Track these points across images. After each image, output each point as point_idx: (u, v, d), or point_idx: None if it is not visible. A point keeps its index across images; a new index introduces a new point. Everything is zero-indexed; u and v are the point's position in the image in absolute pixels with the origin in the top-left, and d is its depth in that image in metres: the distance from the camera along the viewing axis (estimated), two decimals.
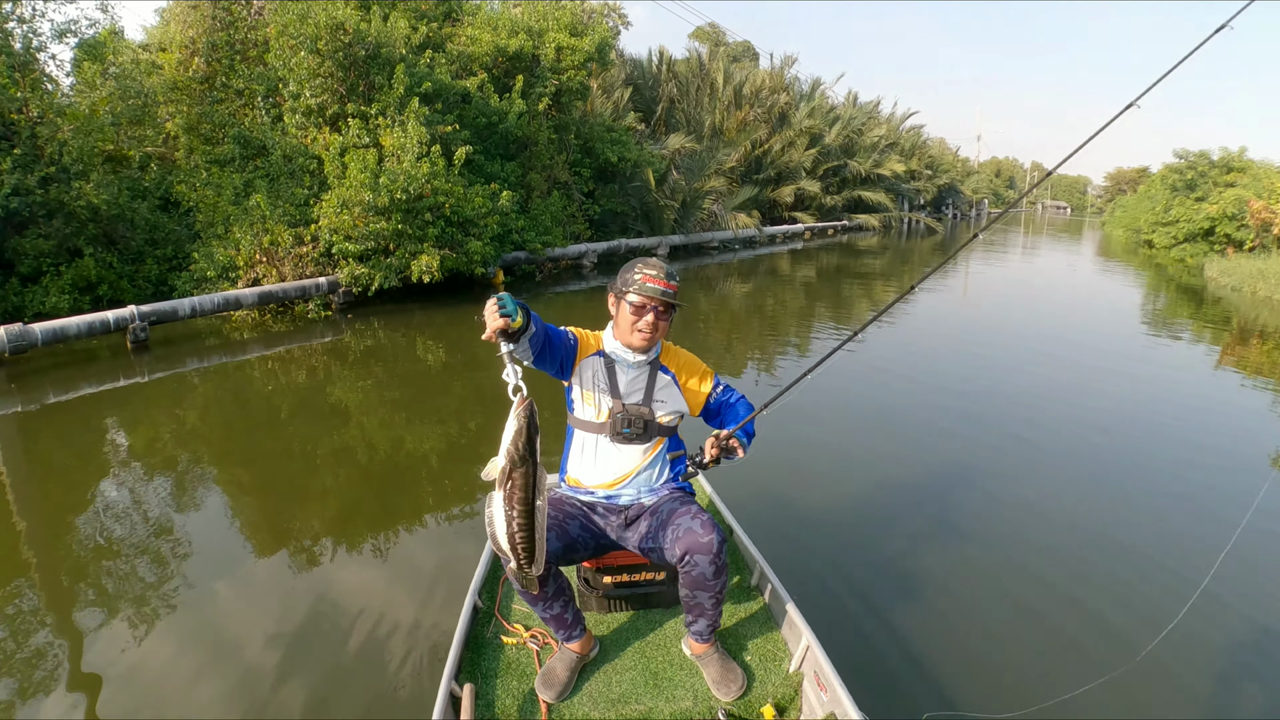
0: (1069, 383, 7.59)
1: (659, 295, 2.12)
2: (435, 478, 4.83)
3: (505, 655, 2.30)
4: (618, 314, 2.22)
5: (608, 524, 2.30)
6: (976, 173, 71.42)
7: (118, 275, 9.27)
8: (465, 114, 12.38)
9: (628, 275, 2.17)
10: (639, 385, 2.27)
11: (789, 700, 2.16)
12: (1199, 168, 25.31)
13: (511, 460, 1.67)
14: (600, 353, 2.27)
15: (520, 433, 1.67)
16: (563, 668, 2.17)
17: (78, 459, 5.02)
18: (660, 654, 2.32)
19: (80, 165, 9.20)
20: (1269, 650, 3.14)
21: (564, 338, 2.17)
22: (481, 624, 2.44)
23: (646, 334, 2.16)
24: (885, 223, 34.84)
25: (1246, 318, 12.90)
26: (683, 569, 2.11)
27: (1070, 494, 4.70)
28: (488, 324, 1.81)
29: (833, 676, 2.02)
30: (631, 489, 2.31)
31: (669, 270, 2.17)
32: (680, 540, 2.09)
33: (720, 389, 2.41)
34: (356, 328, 9.16)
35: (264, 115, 10.81)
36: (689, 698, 2.13)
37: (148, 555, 3.69)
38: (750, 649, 2.33)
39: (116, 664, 2.83)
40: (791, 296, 13.78)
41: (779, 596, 2.43)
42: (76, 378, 6.82)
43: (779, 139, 26.41)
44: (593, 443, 2.29)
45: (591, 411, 2.26)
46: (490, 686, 2.15)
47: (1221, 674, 2.97)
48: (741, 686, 2.15)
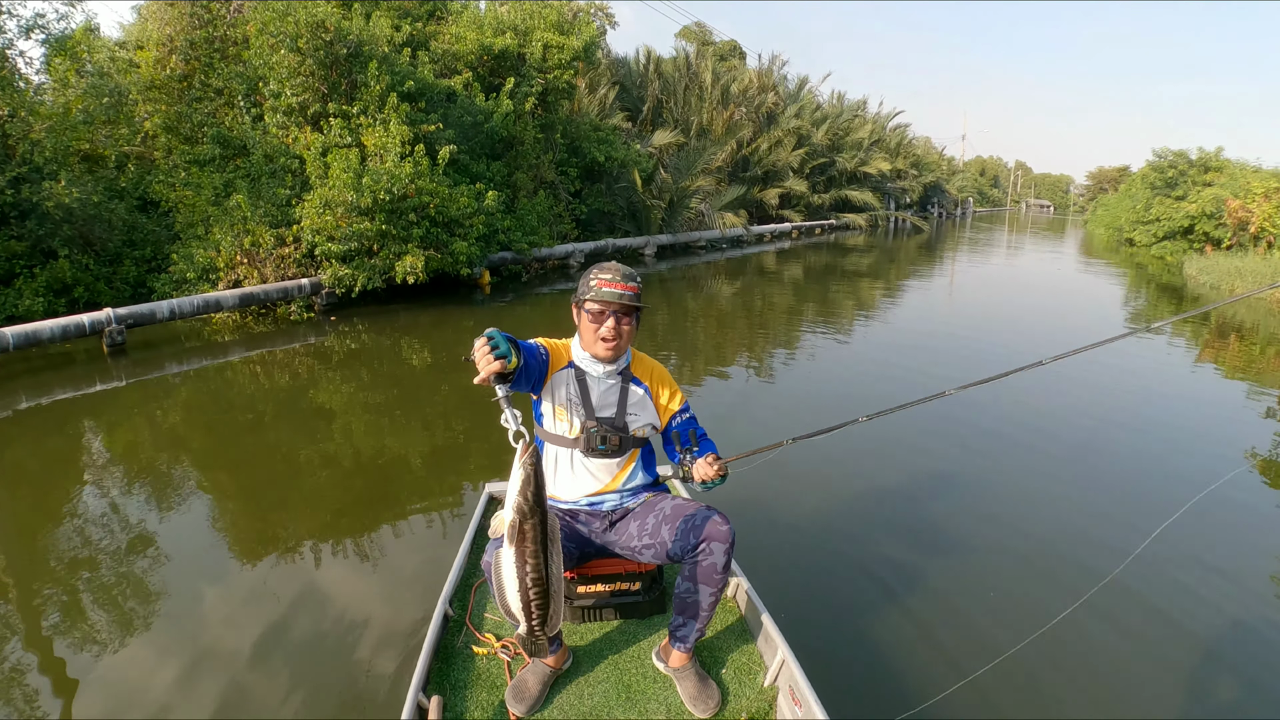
0: (1051, 387, 7.61)
1: (616, 299, 2.06)
2: (419, 482, 4.76)
3: (476, 666, 2.25)
4: (580, 323, 2.18)
5: (590, 530, 2.26)
6: (962, 172, 71.93)
7: (94, 277, 9.10)
8: (450, 113, 12.27)
9: (585, 282, 2.12)
10: (611, 399, 2.22)
11: (763, 714, 2.13)
12: (1179, 167, 25.62)
13: (521, 512, 1.59)
14: (571, 364, 2.21)
15: (528, 481, 1.59)
16: (535, 680, 2.12)
17: (52, 466, 4.91)
18: (634, 666, 2.27)
19: (53, 165, 9.01)
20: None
21: (537, 355, 2.10)
22: (452, 633, 2.39)
23: (610, 340, 2.11)
24: (872, 222, 34.98)
25: (1224, 315, 13.03)
26: (692, 559, 2.07)
27: (1052, 501, 4.68)
28: (480, 368, 1.71)
29: (807, 691, 1.99)
30: (614, 496, 2.28)
31: (626, 272, 2.11)
32: (697, 529, 2.06)
33: (686, 415, 2.34)
34: (340, 329, 9.05)
35: (244, 114, 10.67)
36: (662, 711, 2.09)
37: (123, 562, 3.60)
38: (725, 662, 2.29)
39: (90, 669, 2.78)
40: (780, 295, 13.77)
41: (755, 609, 2.39)
42: (51, 383, 6.68)
43: (766, 138, 26.44)
44: (566, 457, 2.24)
45: (564, 427, 2.20)
46: (459, 698, 2.10)
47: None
48: (717, 703, 2.10)
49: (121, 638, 3.02)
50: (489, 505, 3.17)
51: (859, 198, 33.09)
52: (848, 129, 33.74)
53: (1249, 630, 3.28)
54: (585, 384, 2.19)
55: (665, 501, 2.22)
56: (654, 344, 8.46)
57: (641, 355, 2.34)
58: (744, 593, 2.50)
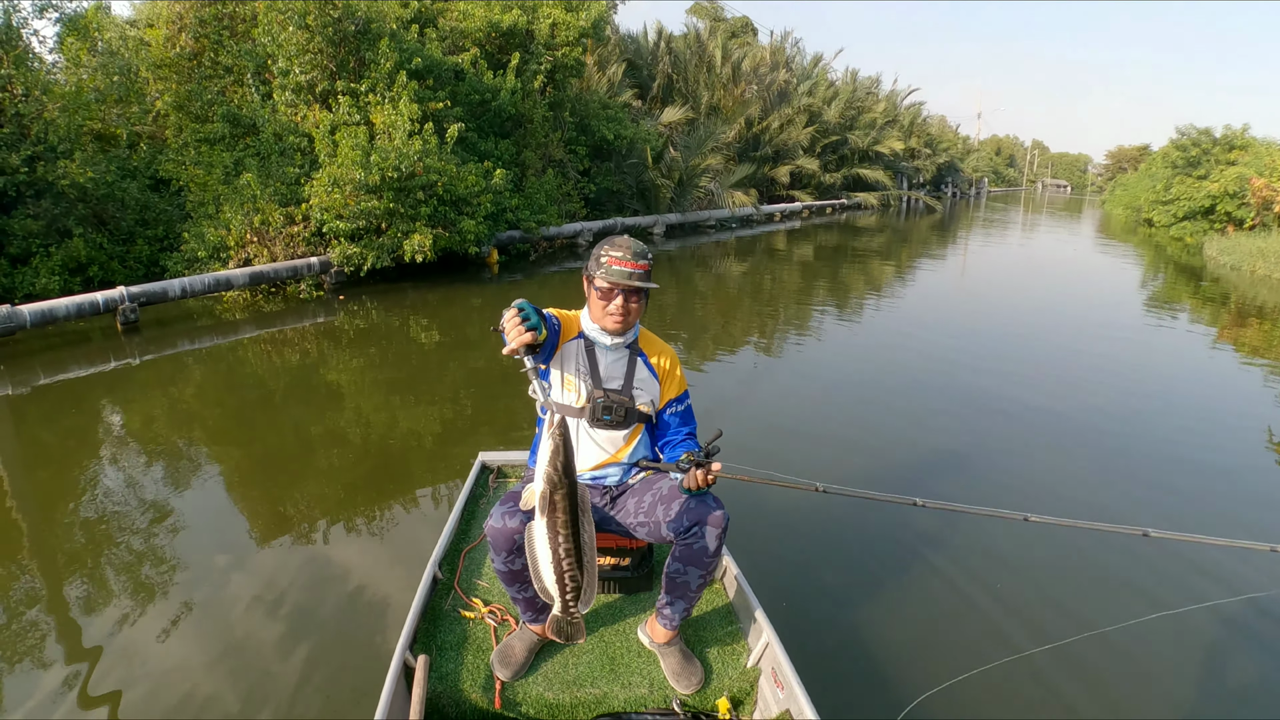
0: (1060, 369, 7.57)
1: (625, 279, 2.05)
2: (425, 455, 4.81)
3: (462, 629, 2.28)
4: (589, 297, 2.18)
5: (591, 504, 2.25)
6: (976, 151, 70.94)
7: (108, 256, 9.19)
8: (458, 91, 12.22)
9: (596, 257, 2.11)
10: (619, 371, 2.22)
11: (745, 695, 2.15)
12: (1202, 145, 25.13)
13: (551, 482, 1.58)
14: (580, 335, 2.22)
15: (557, 452, 1.59)
16: (521, 647, 2.15)
17: (69, 441, 4.99)
18: (620, 640, 2.30)
19: (67, 144, 9.07)
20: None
21: (552, 326, 2.09)
22: (440, 596, 2.42)
23: (618, 317, 2.11)
24: (884, 201, 34.64)
25: (1245, 296, 12.86)
26: (684, 540, 2.08)
27: (1051, 487, 4.65)
28: (510, 338, 1.68)
29: (790, 674, 2.01)
30: (616, 470, 2.29)
31: (638, 249, 2.09)
32: (691, 511, 2.06)
33: (684, 407, 2.32)
34: (349, 308, 9.10)
35: (253, 93, 10.67)
36: (645, 685, 2.12)
37: (139, 534, 3.68)
38: (710, 642, 2.31)
39: (111, 636, 2.87)
40: (789, 276, 13.71)
41: (742, 592, 2.41)
42: (67, 360, 6.77)
43: (777, 116, 26.15)
44: (572, 427, 2.23)
45: (571, 396, 2.21)
46: (445, 659, 2.14)
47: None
48: (700, 680, 2.13)
49: (135, 599, 3.11)
50: (481, 473, 3.23)
51: (871, 176, 32.74)
52: (860, 107, 33.30)
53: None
54: (594, 355, 2.19)
55: (663, 481, 2.23)
56: (662, 325, 8.47)
57: (652, 335, 2.34)
58: (732, 575, 2.51)
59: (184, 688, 2.61)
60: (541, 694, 2.06)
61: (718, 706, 2.09)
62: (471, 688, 2.04)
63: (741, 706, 2.15)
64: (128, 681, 2.63)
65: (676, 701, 2.07)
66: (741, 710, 2.15)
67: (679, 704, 2.07)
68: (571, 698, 2.06)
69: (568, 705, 2.06)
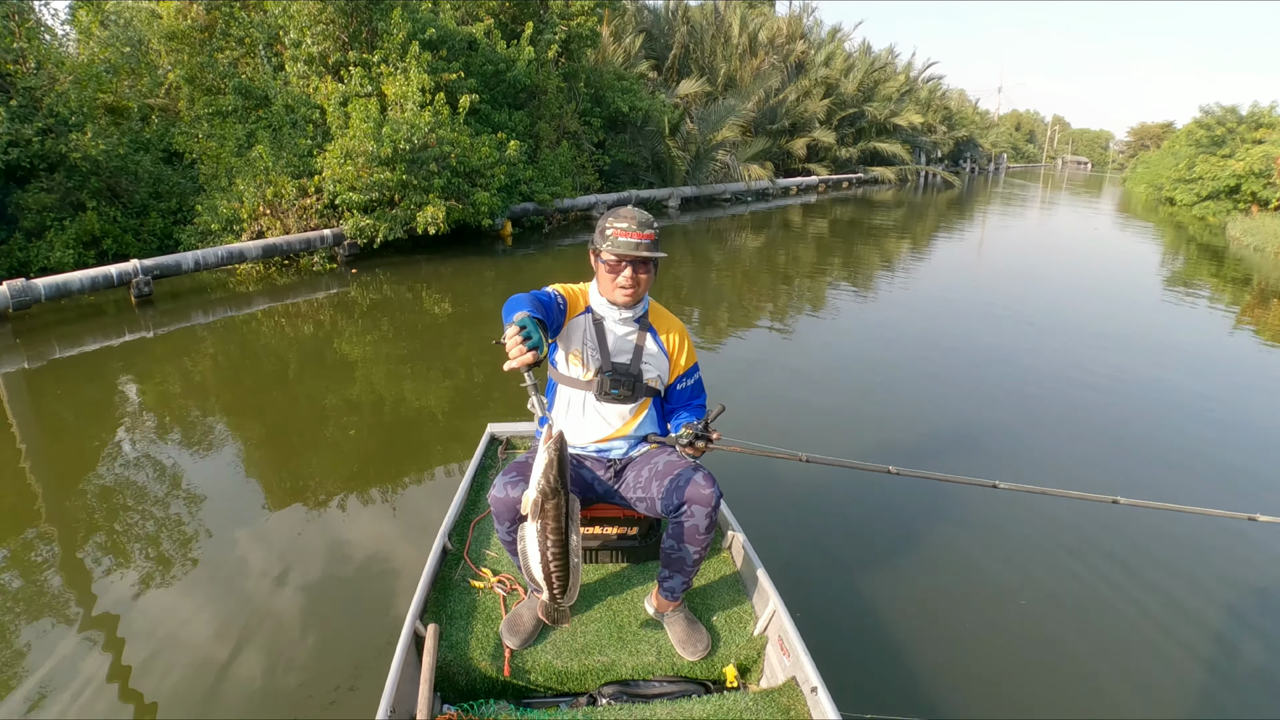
0: (1071, 347, 7.46)
1: (632, 250, 2.01)
2: (437, 427, 4.82)
3: (472, 598, 2.29)
4: (597, 270, 2.14)
5: (595, 477, 2.26)
6: (996, 126, 69.78)
7: (122, 229, 9.19)
8: (471, 62, 12.07)
9: (601, 230, 2.06)
10: (627, 345, 2.19)
11: (752, 662, 2.15)
12: (1227, 124, 24.54)
13: (543, 493, 1.66)
14: (588, 309, 2.19)
15: (551, 465, 1.65)
16: (530, 615, 2.15)
17: (86, 414, 5.02)
18: (627, 609, 2.31)
19: (79, 117, 9.03)
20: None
21: (553, 307, 2.05)
22: (450, 566, 2.44)
23: (628, 289, 2.08)
24: (901, 176, 34.19)
25: (1268, 278, 12.62)
26: (675, 519, 2.07)
27: (1064, 463, 4.59)
28: (512, 357, 1.66)
29: (796, 641, 2.00)
30: (622, 444, 2.27)
31: (643, 219, 2.05)
32: (681, 489, 2.05)
33: (693, 380, 2.31)
34: (362, 280, 9.07)
35: (265, 64, 10.57)
36: (653, 653, 2.13)
37: (156, 505, 3.71)
38: (717, 610, 2.31)
39: (128, 603, 2.91)
40: (804, 251, 13.56)
41: (749, 561, 2.41)
42: (82, 333, 6.79)
43: (794, 88, 25.73)
44: (579, 400, 2.22)
45: (578, 370, 2.18)
46: (455, 628, 2.15)
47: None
48: (706, 647, 2.13)
49: (152, 568, 3.14)
50: (489, 444, 3.26)
51: (888, 150, 32.25)
52: (878, 79, 32.72)
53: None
54: (602, 329, 2.16)
55: (660, 456, 2.21)
56: (677, 299, 8.40)
57: (662, 310, 2.31)
58: (739, 544, 2.51)
59: (200, 654, 2.64)
60: (550, 662, 2.06)
61: (725, 674, 2.10)
62: (481, 656, 2.05)
63: (748, 674, 2.16)
64: (144, 649, 2.66)
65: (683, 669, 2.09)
66: (748, 678, 2.16)
67: (686, 671, 2.09)
68: (580, 666, 2.07)
69: (576, 673, 2.07)
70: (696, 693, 2.03)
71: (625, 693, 2.03)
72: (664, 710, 1.91)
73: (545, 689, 2.06)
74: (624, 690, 2.04)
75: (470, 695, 2.00)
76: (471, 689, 2.02)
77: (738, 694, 1.99)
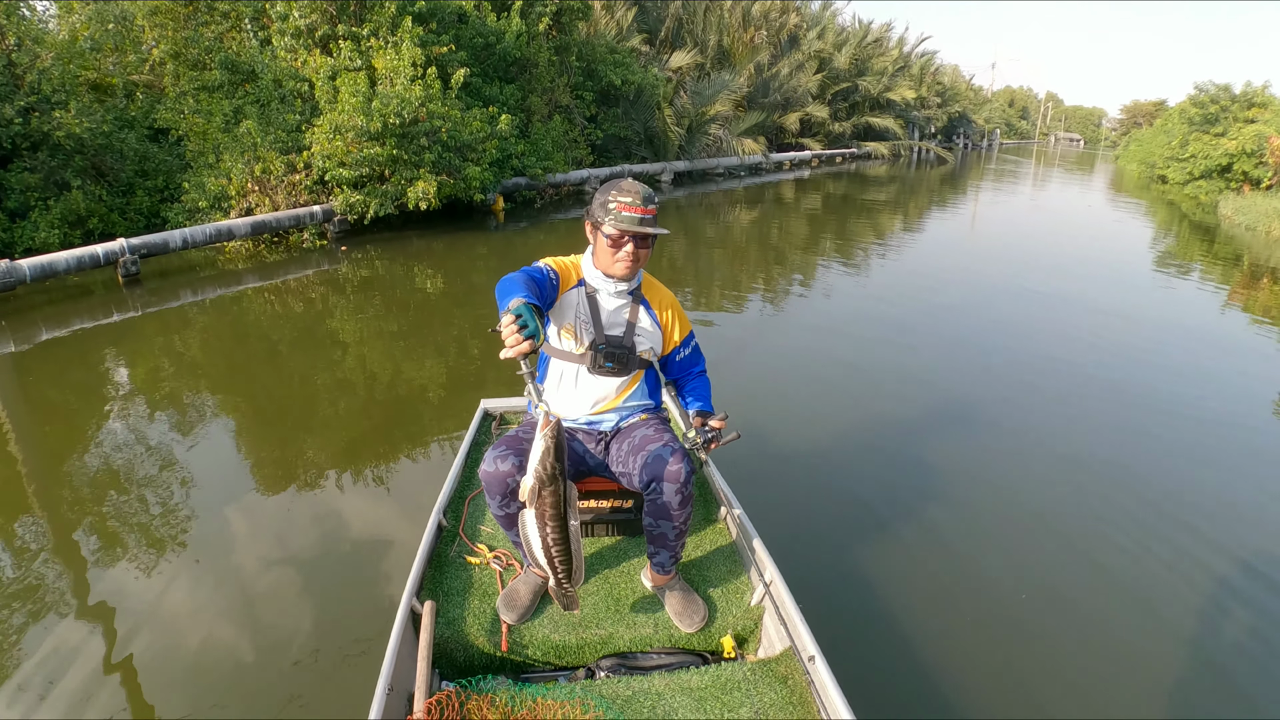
0: (1067, 322, 7.48)
1: (635, 225, 1.99)
2: (431, 404, 4.81)
3: (468, 575, 2.30)
4: (595, 243, 2.11)
5: (586, 450, 2.26)
6: (990, 102, 69.37)
7: (108, 208, 9.04)
8: (461, 34, 11.89)
9: (603, 202, 2.03)
10: (621, 318, 2.18)
11: (749, 632, 2.16)
12: (1221, 102, 24.41)
13: (540, 480, 1.67)
14: (581, 282, 2.16)
15: (548, 453, 1.66)
16: (526, 590, 2.15)
17: (74, 396, 4.97)
18: (624, 582, 2.31)
19: (61, 94, 8.84)
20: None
21: (546, 285, 2.03)
22: (445, 543, 2.44)
23: (627, 264, 2.07)
24: (894, 151, 34.01)
25: (1259, 258, 12.66)
26: (648, 496, 2.07)
27: (1063, 437, 4.62)
28: (509, 347, 1.63)
29: (794, 611, 2.01)
30: (613, 415, 2.26)
31: (646, 194, 2.02)
32: (648, 467, 2.04)
33: (690, 349, 2.32)
34: (353, 257, 9.00)
35: (252, 38, 10.37)
36: (650, 625, 2.14)
37: (147, 486, 3.69)
38: (714, 581, 2.32)
39: (121, 586, 2.89)
40: (797, 226, 13.51)
41: (746, 532, 2.41)
42: (69, 314, 6.70)
43: (787, 62, 25.48)
44: (572, 373, 2.21)
45: (571, 343, 2.16)
46: (452, 604, 2.16)
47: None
48: (703, 619, 2.14)
49: (146, 550, 3.13)
50: (483, 420, 3.25)
51: (881, 124, 32.05)
52: (871, 53, 32.41)
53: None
54: (595, 302, 2.15)
55: (639, 429, 2.20)
56: (673, 275, 8.34)
57: (654, 281, 2.29)
58: (735, 516, 2.51)
59: (196, 633, 2.64)
60: (547, 636, 2.07)
61: (722, 645, 2.11)
62: (478, 632, 2.06)
63: (746, 644, 2.17)
64: (139, 631, 2.66)
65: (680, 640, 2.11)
66: (746, 648, 2.17)
67: (683, 643, 2.11)
68: (577, 639, 2.08)
69: (574, 646, 2.08)
70: (694, 664, 2.05)
71: (623, 665, 2.04)
72: (662, 681, 1.92)
73: (543, 663, 2.07)
74: (622, 663, 2.05)
75: (468, 671, 2.01)
76: (469, 665, 2.03)
77: (735, 664, 2.01)
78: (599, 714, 1.80)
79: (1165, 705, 2.50)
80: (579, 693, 1.87)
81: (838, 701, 1.75)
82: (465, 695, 1.81)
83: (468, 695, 1.81)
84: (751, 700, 1.87)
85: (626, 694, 1.89)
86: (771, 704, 1.86)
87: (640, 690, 1.90)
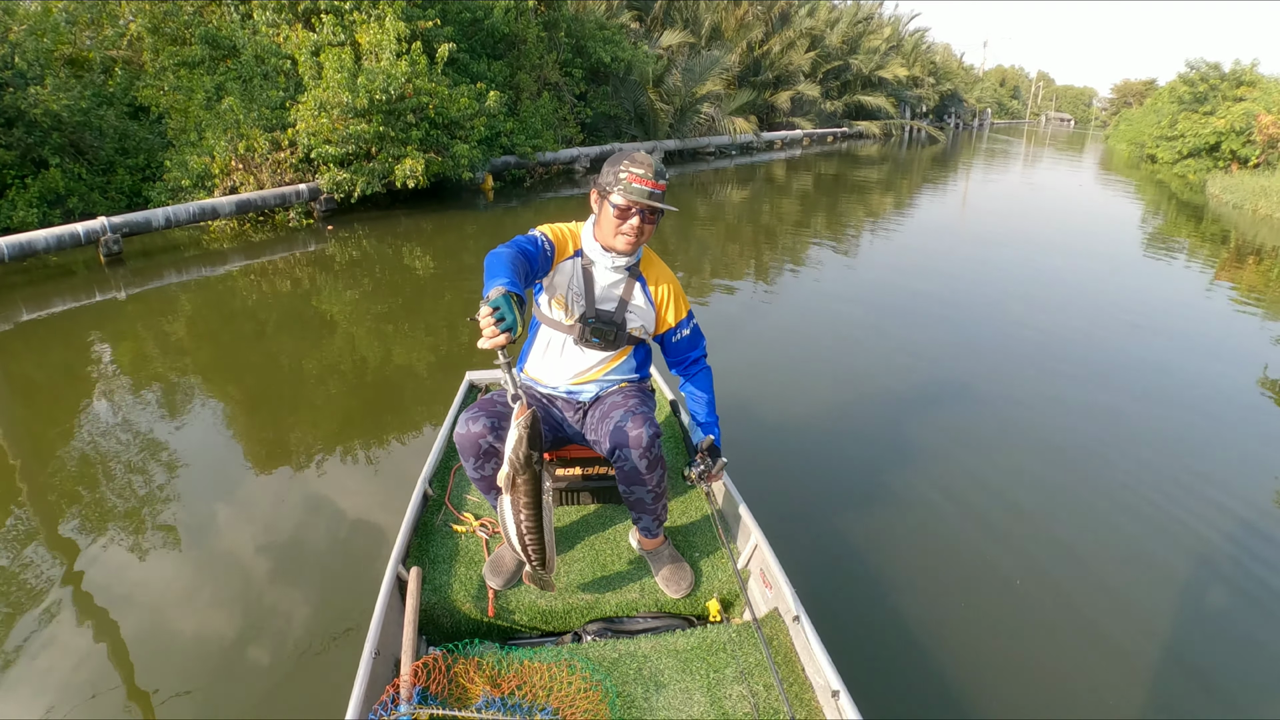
0: (1053, 300, 7.51)
1: (645, 198, 1.96)
2: (418, 381, 4.79)
3: (454, 543, 2.30)
4: (600, 213, 2.07)
5: (565, 418, 2.25)
6: (981, 81, 69.15)
7: (88, 187, 8.89)
8: (448, 9, 11.72)
9: (614, 172, 1.99)
10: (615, 293, 2.15)
11: (735, 596, 2.17)
12: (1210, 80, 24.36)
13: (514, 467, 1.68)
14: (579, 253, 2.13)
15: (521, 441, 1.66)
16: (511, 556, 2.15)
17: (57, 378, 4.91)
18: (609, 547, 2.33)
19: (36, 70, 8.65)
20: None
21: (539, 257, 1.98)
22: (431, 512, 2.45)
23: (631, 238, 2.02)
24: (886, 131, 33.89)
25: (1245, 236, 12.71)
26: (615, 464, 2.06)
27: (1051, 411, 4.64)
28: (485, 338, 1.60)
29: (778, 573, 2.03)
30: (593, 386, 2.25)
31: (659, 169, 1.99)
32: (611, 434, 2.04)
33: (689, 331, 2.28)
34: (340, 236, 8.91)
35: (232, 12, 10.18)
36: (636, 590, 2.15)
37: (132, 467, 3.65)
38: (699, 546, 2.34)
39: (109, 565, 2.87)
40: (788, 206, 13.46)
41: (731, 498, 2.43)
42: (50, 294, 6.61)
43: (779, 40, 25.28)
44: (559, 342, 2.19)
45: (561, 314, 2.14)
46: (437, 571, 2.17)
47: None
48: (690, 584, 2.15)
49: (132, 529, 3.11)
50: (469, 391, 3.25)
51: (873, 103, 31.92)
52: (862, 31, 32.20)
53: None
54: (590, 274, 2.12)
55: (611, 397, 2.19)
56: (664, 254, 8.22)
57: (655, 258, 2.25)
58: (721, 482, 2.52)
59: (187, 610, 2.63)
60: (534, 601, 2.08)
61: (708, 609, 2.12)
62: (464, 598, 2.06)
63: (731, 608, 2.18)
64: (126, 607, 2.65)
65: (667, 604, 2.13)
66: (731, 611, 2.18)
67: (669, 607, 2.12)
68: (564, 605, 2.09)
69: (560, 612, 2.09)
70: (680, 627, 2.06)
71: (609, 629, 2.05)
72: (648, 644, 1.93)
73: (530, 628, 2.08)
74: (608, 627, 2.06)
75: (455, 636, 2.01)
76: (456, 630, 2.03)
77: (721, 626, 2.02)
78: (586, 676, 1.80)
79: (1144, 638, 2.52)
80: (566, 655, 1.87)
81: (822, 660, 1.76)
82: (452, 659, 1.80)
83: (455, 659, 1.81)
84: (737, 660, 1.88)
85: (613, 656, 1.89)
86: (756, 664, 1.87)
87: (626, 653, 1.90)
